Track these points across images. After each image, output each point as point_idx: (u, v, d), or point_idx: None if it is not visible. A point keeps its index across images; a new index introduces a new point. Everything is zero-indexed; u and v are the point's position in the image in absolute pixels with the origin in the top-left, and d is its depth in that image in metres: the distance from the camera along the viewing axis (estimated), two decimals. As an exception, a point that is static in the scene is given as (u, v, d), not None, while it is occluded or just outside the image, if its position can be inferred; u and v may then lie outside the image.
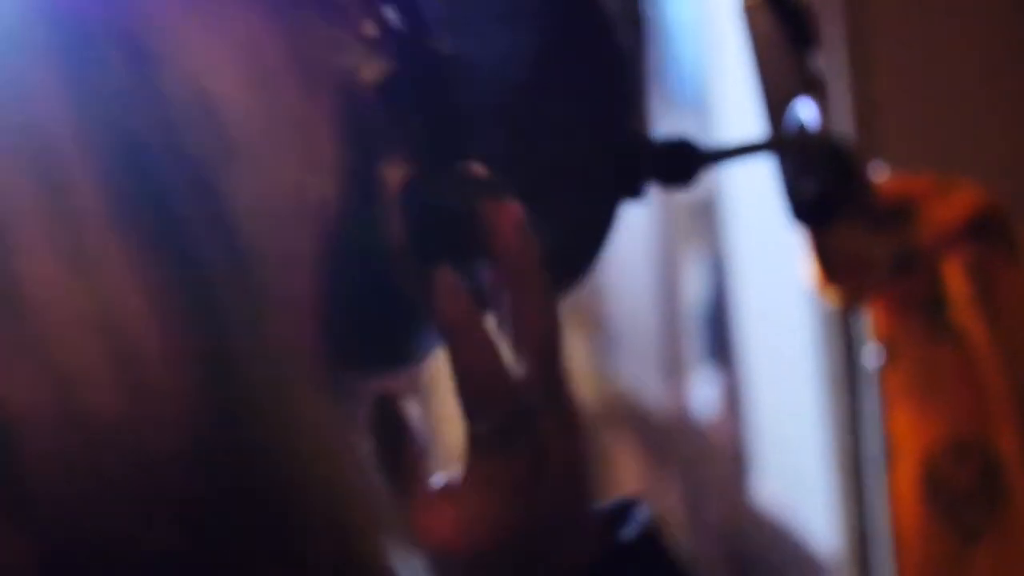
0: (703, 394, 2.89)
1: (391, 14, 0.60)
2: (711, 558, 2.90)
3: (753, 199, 2.27)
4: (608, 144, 0.68)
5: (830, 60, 1.57)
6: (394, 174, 0.60)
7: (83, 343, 0.51)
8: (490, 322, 0.63)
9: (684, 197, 2.73)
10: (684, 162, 0.75)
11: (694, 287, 2.89)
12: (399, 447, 0.65)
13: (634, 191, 0.71)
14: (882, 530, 1.10)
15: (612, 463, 3.47)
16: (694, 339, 2.93)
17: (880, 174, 1.06)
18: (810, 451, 2.05)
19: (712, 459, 2.86)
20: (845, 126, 1.57)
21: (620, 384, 3.45)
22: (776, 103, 0.86)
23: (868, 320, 1.10)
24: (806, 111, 0.86)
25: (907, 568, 1.06)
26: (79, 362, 0.51)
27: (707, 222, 2.68)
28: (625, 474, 3.44)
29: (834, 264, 1.07)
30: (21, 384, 0.51)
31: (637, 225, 3.11)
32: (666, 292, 3.07)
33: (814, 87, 0.87)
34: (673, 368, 3.06)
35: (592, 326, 3.53)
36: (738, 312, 2.55)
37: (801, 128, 0.85)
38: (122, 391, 0.51)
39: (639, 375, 3.33)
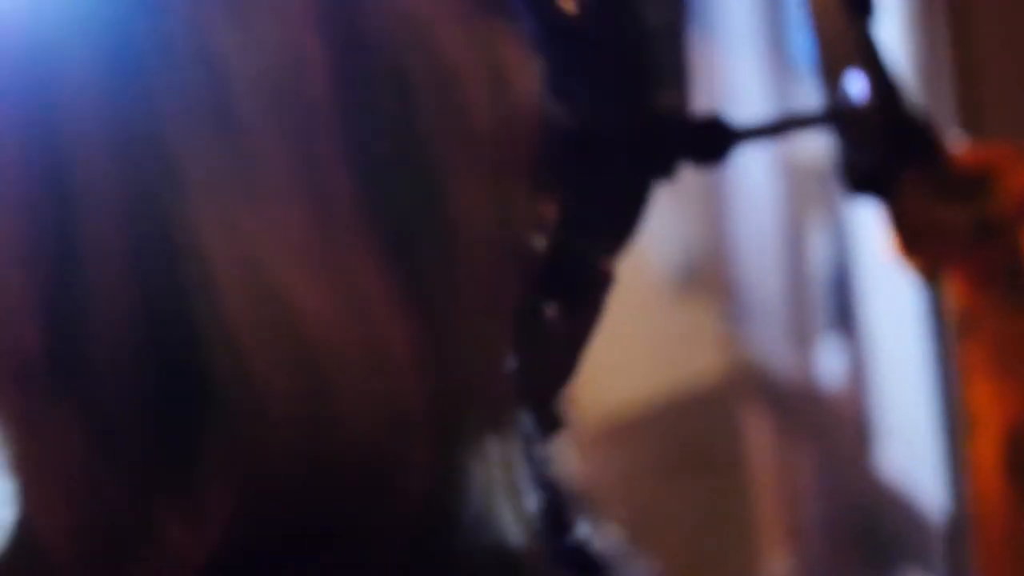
0: (829, 362, 2.87)
1: None
2: (839, 528, 2.89)
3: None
4: (636, 122, 0.68)
5: (932, 34, 1.55)
6: None
7: (340, 345, 0.55)
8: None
9: (811, 164, 2.71)
10: (715, 140, 0.75)
11: (819, 254, 2.87)
12: None
13: (664, 170, 0.72)
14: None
15: (742, 433, 3.46)
16: (820, 307, 2.91)
17: (959, 144, 1.05)
18: (930, 420, 2.03)
19: (838, 428, 2.84)
20: (945, 97, 1.55)
21: (749, 353, 3.43)
22: (830, 73, 0.86)
23: (948, 291, 1.09)
24: (855, 83, 0.85)
25: (987, 543, 1.05)
26: (335, 362, 0.55)
27: (833, 188, 2.66)
28: (756, 444, 3.43)
29: (913, 234, 1.06)
30: (278, 369, 0.54)
31: (764, 192, 3.09)
32: (793, 259, 3.05)
33: (870, 57, 0.86)
34: (800, 336, 3.04)
35: (721, 294, 3.52)
36: (862, 280, 2.53)
37: (848, 100, 0.84)
38: (371, 390, 0.55)
39: (768, 343, 3.32)
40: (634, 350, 3.49)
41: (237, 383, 0.54)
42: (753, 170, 3.10)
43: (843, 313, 2.72)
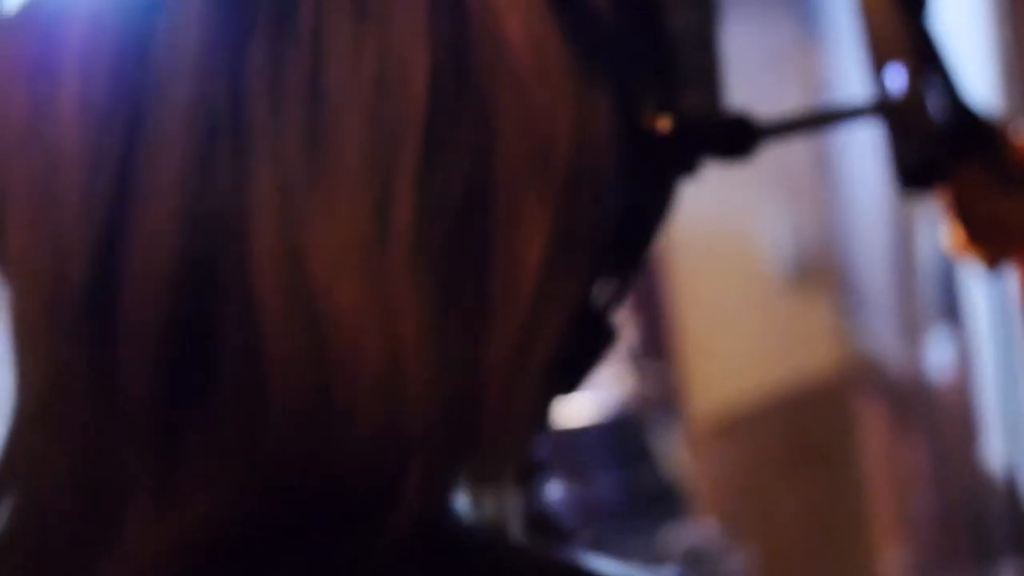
0: (938, 355, 2.87)
1: None
2: (950, 519, 2.88)
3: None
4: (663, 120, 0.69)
5: (1000, 25, 1.55)
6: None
7: (361, 349, 0.56)
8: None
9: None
10: (740, 137, 0.76)
11: (928, 247, 2.87)
12: None
13: (688, 166, 0.73)
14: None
15: (856, 426, 3.45)
16: (928, 300, 2.91)
17: (1019, 136, 1.06)
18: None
19: (948, 420, 2.84)
20: (1010, 86, 1.56)
21: (862, 346, 3.43)
22: (875, 66, 0.87)
23: (1012, 282, 1.10)
24: (895, 77, 0.86)
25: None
26: (351, 364, 0.56)
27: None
28: (870, 436, 3.42)
29: (975, 226, 1.07)
30: (294, 359, 0.56)
31: (873, 187, 3.09)
32: (901, 253, 3.05)
33: (927, 49, 0.88)
34: (909, 329, 3.04)
35: (834, 289, 3.51)
36: (969, 272, 2.53)
37: (895, 92, 0.86)
38: (382, 401, 0.56)
39: (878, 336, 3.31)
40: (748, 345, 3.50)
41: (250, 361, 0.55)
42: (863, 165, 3.10)
43: (951, 305, 2.72)
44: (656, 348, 3.42)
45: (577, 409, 3.08)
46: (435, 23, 0.58)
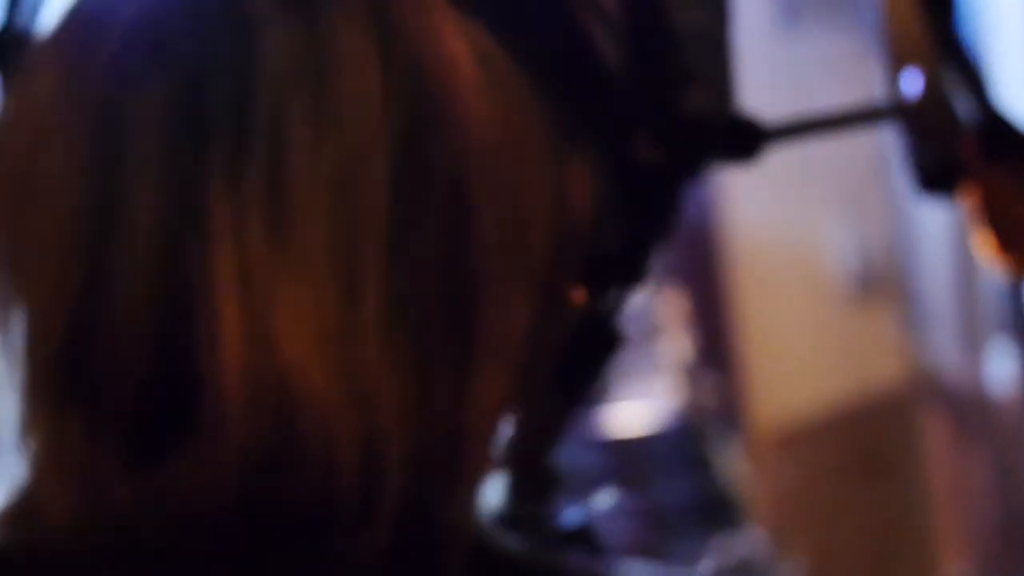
0: (1000, 367, 2.86)
1: None
2: (1014, 531, 2.87)
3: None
4: (665, 122, 0.70)
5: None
6: None
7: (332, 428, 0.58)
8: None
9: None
10: (745, 140, 0.77)
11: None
12: None
13: (691, 169, 0.73)
14: None
15: (919, 438, 3.44)
16: (991, 312, 2.90)
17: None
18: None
19: (1011, 432, 2.82)
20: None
21: (925, 358, 3.41)
22: (894, 68, 0.87)
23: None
24: (912, 80, 0.87)
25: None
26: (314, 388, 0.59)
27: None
28: (932, 449, 3.41)
29: (1004, 231, 1.07)
30: (258, 433, 0.59)
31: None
32: (964, 266, 3.03)
33: (944, 54, 0.88)
34: (972, 341, 3.02)
35: (898, 301, 3.50)
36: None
37: (904, 97, 0.86)
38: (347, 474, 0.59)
39: (942, 349, 3.30)
40: (810, 357, 3.49)
41: (219, 439, 0.58)
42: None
43: (1013, 318, 2.71)
44: (718, 359, 3.42)
45: (637, 419, 3.09)
46: (393, 119, 0.59)
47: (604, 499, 0.78)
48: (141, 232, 0.58)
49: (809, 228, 3.43)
